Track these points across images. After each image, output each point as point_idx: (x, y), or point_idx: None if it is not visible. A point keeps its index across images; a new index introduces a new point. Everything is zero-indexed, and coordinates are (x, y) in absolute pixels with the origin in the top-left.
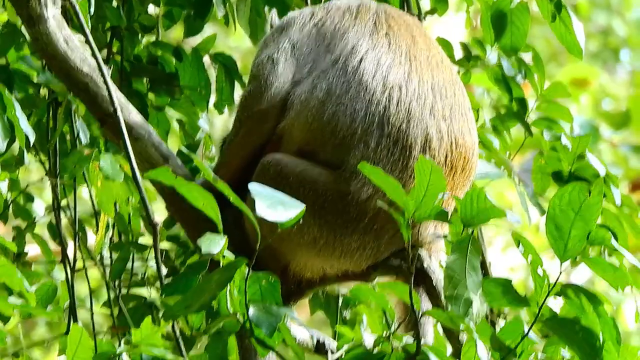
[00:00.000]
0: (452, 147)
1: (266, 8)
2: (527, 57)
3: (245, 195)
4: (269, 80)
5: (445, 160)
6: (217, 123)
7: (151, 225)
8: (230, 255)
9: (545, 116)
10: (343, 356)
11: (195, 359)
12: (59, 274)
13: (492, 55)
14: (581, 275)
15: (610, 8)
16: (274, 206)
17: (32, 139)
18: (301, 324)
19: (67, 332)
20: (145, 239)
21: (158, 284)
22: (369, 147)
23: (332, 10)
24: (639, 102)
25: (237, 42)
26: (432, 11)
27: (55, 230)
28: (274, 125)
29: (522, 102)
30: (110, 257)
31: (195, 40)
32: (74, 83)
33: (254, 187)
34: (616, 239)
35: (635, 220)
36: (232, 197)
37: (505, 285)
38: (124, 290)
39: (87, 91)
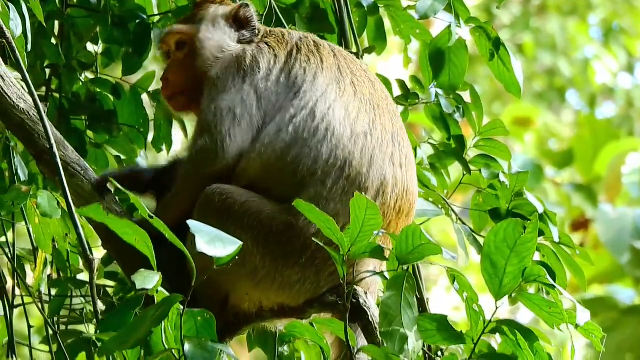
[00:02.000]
0: (403, 193)
1: None
2: (466, 95)
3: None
4: (228, 139)
5: (395, 205)
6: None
7: (87, 262)
8: (164, 292)
9: (484, 154)
10: None
11: None
12: None
13: (431, 92)
14: (526, 314)
15: (555, 48)
16: (213, 242)
17: None
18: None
19: None
20: (84, 276)
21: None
22: (325, 186)
23: (294, 51)
24: (583, 142)
25: None
26: (370, 49)
27: None
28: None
29: (461, 140)
30: (49, 293)
31: (135, 78)
32: (10, 120)
33: (193, 224)
34: (554, 277)
35: (574, 259)
36: (168, 234)
37: (441, 321)
38: (63, 327)
39: (23, 128)
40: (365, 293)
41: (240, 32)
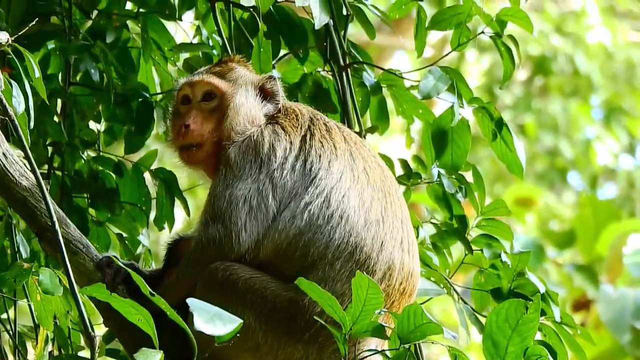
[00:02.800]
0: (408, 276)
1: None
2: (468, 175)
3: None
4: (244, 232)
5: (399, 286)
6: (163, 240)
7: (89, 339)
8: None
9: (486, 233)
10: None
11: None
12: None
13: (433, 172)
14: None
15: (557, 129)
16: (212, 320)
17: None
18: None
19: None
20: (85, 353)
21: None
22: (334, 268)
23: (308, 137)
24: (584, 223)
25: None
26: (372, 129)
27: None
28: None
29: (463, 220)
30: None
31: (138, 156)
32: (12, 197)
33: (193, 302)
34: (555, 357)
35: (576, 339)
36: (169, 312)
37: None
38: None
39: (25, 205)
40: None
41: (265, 104)
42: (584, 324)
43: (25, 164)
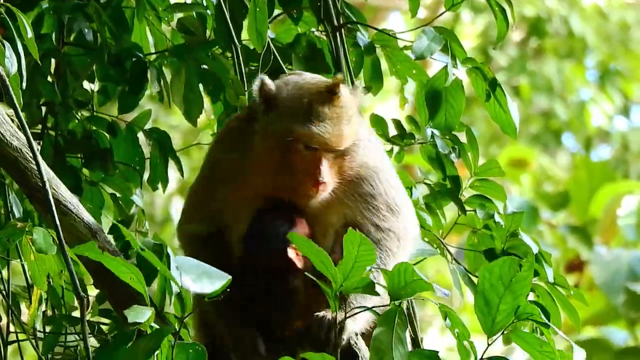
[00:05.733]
0: None
1: (200, 85)
2: (462, 136)
3: None
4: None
5: None
6: (157, 201)
7: (78, 299)
8: (157, 326)
9: (479, 194)
10: None
11: None
12: None
13: (427, 133)
14: (521, 355)
15: (552, 91)
16: (200, 279)
17: None
18: None
19: None
20: (79, 313)
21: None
22: None
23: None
24: (578, 185)
25: (179, 120)
26: (366, 89)
27: None
28: None
29: (456, 180)
30: (44, 330)
31: (131, 117)
32: (3, 157)
33: (179, 259)
34: (548, 317)
35: (569, 300)
36: (160, 267)
37: (432, 357)
38: None
39: (16, 166)
40: (357, 334)
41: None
42: (577, 285)
43: (16, 124)
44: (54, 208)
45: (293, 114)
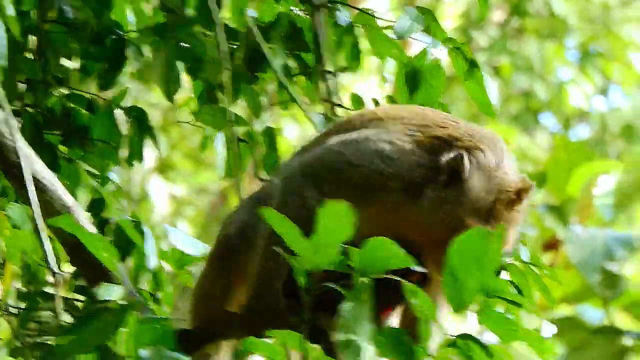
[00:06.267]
0: None
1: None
2: None
3: None
4: None
5: None
6: (135, 178)
7: (52, 274)
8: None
9: None
10: None
11: None
12: None
13: None
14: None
15: (532, 71)
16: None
17: None
18: None
19: None
20: (53, 289)
21: None
22: None
23: None
24: (556, 164)
25: (158, 98)
26: (345, 69)
27: None
28: None
29: None
30: (18, 306)
31: (111, 95)
32: None
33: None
34: (521, 294)
35: (543, 280)
36: (136, 240)
37: (397, 336)
38: (31, 340)
39: None
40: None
41: None
42: (553, 264)
43: None
44: (29, 184)
45: (474, 206)
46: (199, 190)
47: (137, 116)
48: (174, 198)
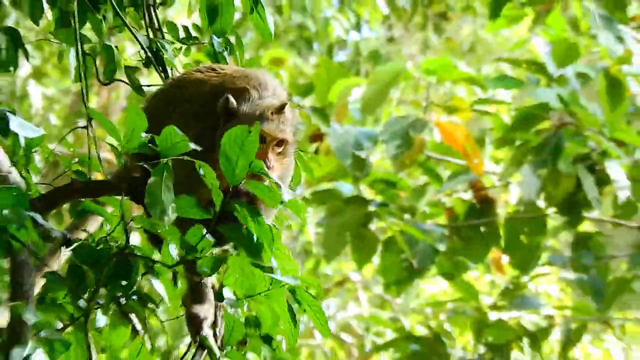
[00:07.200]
0: None
1: None
2: (233, 39)
3: None
4: None
5: None
6: (17, 82)
7: None
8: None
9: None
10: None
11: None
12: None
13: (208, 37)
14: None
15: (305, 10)
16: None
17: None
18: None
19: None
20: None
21: None
22: None
23: None
24: (321, 78)
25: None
26: (162, 3)
27: None
28: None
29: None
30: None
31: None
32: None
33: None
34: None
35: (307, 162)
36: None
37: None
38: None
39: None
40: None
41: None
42: (317, 151)
43: None
44: None
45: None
46: (64, 91)
47: (13, 35)
48: (46, 97)
